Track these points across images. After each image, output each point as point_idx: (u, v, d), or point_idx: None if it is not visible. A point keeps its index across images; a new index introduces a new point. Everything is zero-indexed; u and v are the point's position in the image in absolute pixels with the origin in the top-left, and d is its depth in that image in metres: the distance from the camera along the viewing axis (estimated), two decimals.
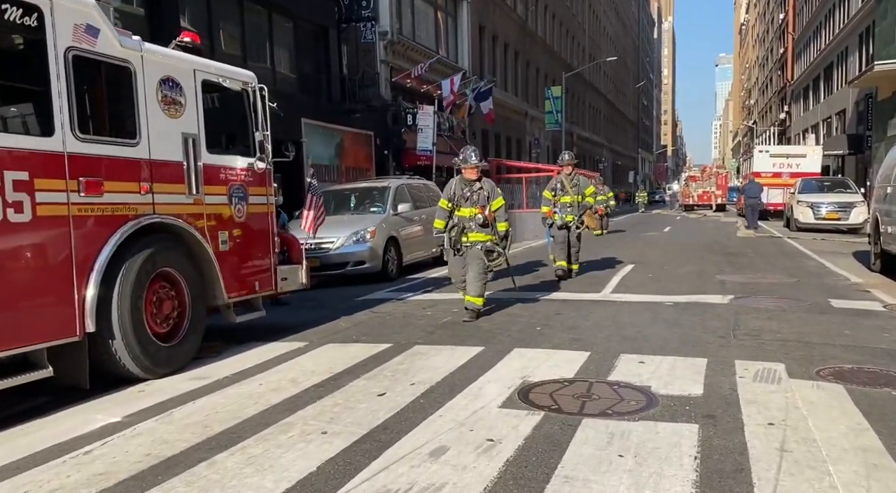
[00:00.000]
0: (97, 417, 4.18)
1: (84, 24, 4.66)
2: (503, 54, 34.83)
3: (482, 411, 4.09)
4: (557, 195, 10.12)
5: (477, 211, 7.14)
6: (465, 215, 7.20)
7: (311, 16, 18.71)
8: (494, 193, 7.25)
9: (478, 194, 7.22)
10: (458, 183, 7.32)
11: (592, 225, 10.21)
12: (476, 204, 7.18)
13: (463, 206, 7.24)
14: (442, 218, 7.34)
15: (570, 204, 10.02)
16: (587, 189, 10.18)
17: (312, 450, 3.52)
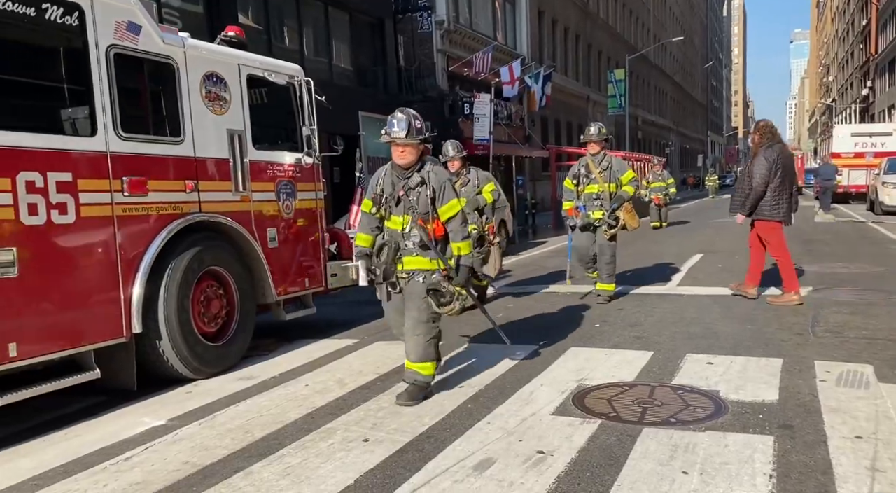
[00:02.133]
0: (143, 420, 4.15)
1: (126, 21, 4.61)
2: (563, 38, 34.00)
3: (533, 418, 3.83)
4: (581, 185, 7.31)
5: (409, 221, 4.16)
6: (396, 229, 4.22)
7: (368, 8, 18.65)
8: (448, 194, 4.13)
9: (416, 194, 4.15)
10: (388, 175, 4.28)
11: (632, 223, 7.17)
12: (414, 210, 4.14)
13: (393, 212, 4.23)
14: (366, 231, 4.37)
15: (597, 195, 7.17)
16: (624, 175, 7.20)
17: (352, 460, 3.35)
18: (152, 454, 3.59)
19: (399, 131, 4.07)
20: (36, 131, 4.08)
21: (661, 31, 54.80)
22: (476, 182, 6.92)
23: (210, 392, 4.71)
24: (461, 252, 4.17)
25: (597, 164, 7.25)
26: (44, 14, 4.06)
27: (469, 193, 6.74)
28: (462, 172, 6.95)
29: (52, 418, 4.29)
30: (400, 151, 4.14)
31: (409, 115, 4.12)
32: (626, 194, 7.15)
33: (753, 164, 6.85)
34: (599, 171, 7.21)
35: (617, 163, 7.32)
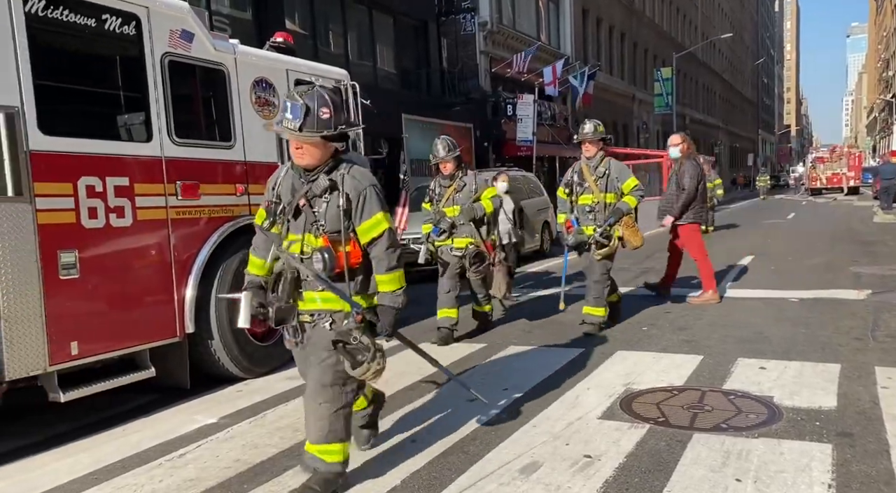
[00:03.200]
0: (196, 417, 4.26)
1: (179, 29, 4.75)
2: (608, 37, 33.58)
3: (579, 422, 3.79)
4: (575, 194, 6.12)
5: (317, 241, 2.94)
6: (293, 252, 3.01)
7: (411, 11, 18.78)
8: (370, 205, 2.94)
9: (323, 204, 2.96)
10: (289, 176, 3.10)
11: (634, 240, 5.93)
12: (318, 226, 2.95)
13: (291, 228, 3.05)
14: (260, 253, 3.24)
15: (591, 207, 5.94)
16: (625, 183, 5.92)
17: (398, 460, 3.37)
18: (205, 451, 3.68)
19: (292, 120, 2.81)
20: (95, 137, 4.23)
21: (709, 28, 53.56)
22: (473, 187, 5.95)
23: (259, 391, 4.80)
24: (386, 288, 2.93)
25: (591, 169, 5.99)
26: (103, 24, 4.22)
27: (464, 199, 5.91)
28: (457, 176, 5.98)
29: (109, 415, 4.44)
30: (295, 147, 2.89)
31: (313, 97, 2.83)
32: (625, 206, 5.87)
33: (683, 170, 7.28)
34: (594, 178, 5.95)
35: (617, 168, 5.97)
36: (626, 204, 5.88)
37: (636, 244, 5.95)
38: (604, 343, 5.62)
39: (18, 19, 3.70)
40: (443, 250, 6.06)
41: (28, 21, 3.75)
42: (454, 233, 5.96)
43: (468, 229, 5.91)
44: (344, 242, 2.90)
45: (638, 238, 5.96)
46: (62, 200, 3.92)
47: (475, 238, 5.92)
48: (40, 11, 3.83)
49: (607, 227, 5.83)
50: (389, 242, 2.94)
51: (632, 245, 5.94)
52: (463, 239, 5.94)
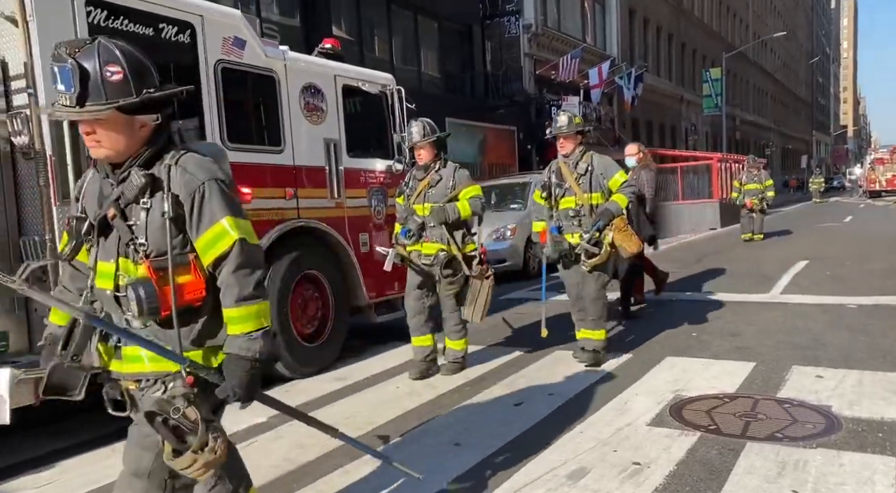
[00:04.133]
0: (243, 416, 4.30)
1: (232, 36, 4.88)
2: (655, 38, 33.05)
3: (628, 428, 3.72)
4: (554, 198, 5.18)
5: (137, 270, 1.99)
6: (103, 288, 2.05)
7: (456, 15, 18.86)
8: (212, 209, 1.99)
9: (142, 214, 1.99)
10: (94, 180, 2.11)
11: (629, 245, 5.01)
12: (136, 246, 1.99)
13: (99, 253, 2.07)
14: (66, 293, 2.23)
15: (574, 211, 5.07)
16: (612, 178, 5.04)
17: (444, 464, 3.37)
18: (255, 450, 3.75)
19: (65, 93, 1.87)
20: None
21: (761, 26, 52.16)
22: (450, 183, 4.90)
23: (306, 391, 4.88)
24: (236, 329, 1.95)
25: (571, 167, 5.10)
26: (160, 33, 4.36)
27: (438, 197, 4.88)
28: (432, 167, 4.96)
29: None
30: (84, 133, 1.94)
31: (92, 53, 1.87)
32: (615, 207, 4.96)
33: (641, 176, 7.31)
34: (575, 177, 5.06)
35: (601, 163, 5.09)
36: (616, 204, 4.98)
37: (632, 250, 5.04)
38: (651, 349, 5.51)
39: (82, 30, 3.85)
40: (414, 257, 4.99)
41: (91, 32, 3.90)
42: (423, 236, 4.94)
43: (438, 233, 4.88)
44: (173, 269, 1.93)
45: (633, 243, 5.02)
46: None
47: (449, 244, 4.87)
48: (101, 22, 3.99)
49: (595, 232, 4.92)
50: (240, 259, 1.95)
51: (626, 252, 5.03)
52: (433, 244, 4.89)
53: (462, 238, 4.96)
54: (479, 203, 4.90)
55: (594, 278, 5.05)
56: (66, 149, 3.73)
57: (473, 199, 4.90)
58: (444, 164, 5.01)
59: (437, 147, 5.02)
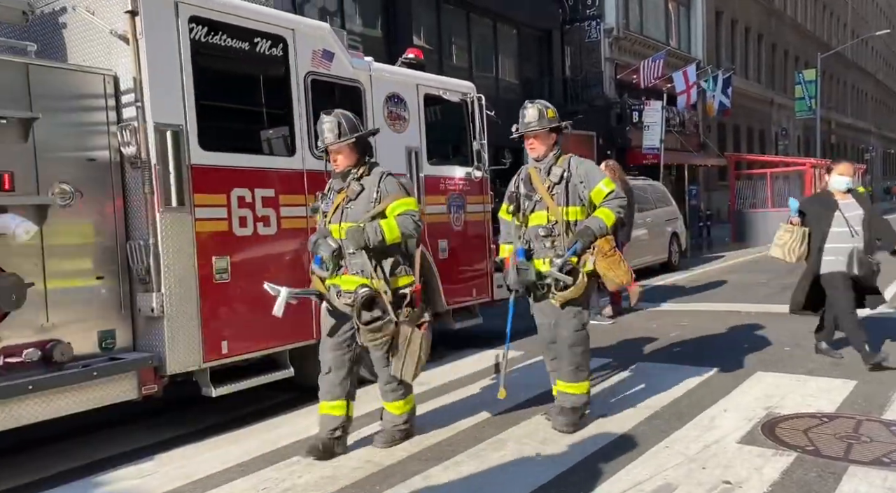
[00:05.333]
0: None
1: (321, 49, 5.04)
2: (744, 39, 31.75)
3: (716, 445, 3.59)
4: (523, 211, 4.11)
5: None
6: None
7: (535, 21, 18.78)
8: None
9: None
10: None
11: (616, 275, 3.91)
12: None
13: None
14: None
15: (546, 229, 4.01)
16: (595, 188, 3.97)
17: (525, 474, 3.35)
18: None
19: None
20: (246, 152, 4.58)
21: (861, 25, 49.15)
22: (374, 195, 3.67)
23: (431, 382, 4.92)
24: None
25: (542, 175, 4.04)
26: (255, 47, 4.56)
27: (358, 213, 3.66)
28: (352, 175, 3.73)
29: (253, 410, 4.76)
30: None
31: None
32: (597, 224, 3.84)
33: None
34: (547, 186, 3.98)
35: (582, 169, 4.00)
36: (599, 221, 3.85)
37: (620, 281, 3.90)
38: (739, 363, 5.29)
39: (185, 45, 4.09)
40: (332, 294, 3.79)
41: (193, 47, 4.13)
42: (342, 266, 3.74)
43: (360, 262, 3.66)
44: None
45: (621, 272, 3.88)
46: (217, 210, 4.27)
47: (372, 278, 3.63)
48: (202, 37, 4.21)
49: (569, 258, 3.85)
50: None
51: (613, 282, 3.91)
52: (352, 278, 3.67)
53: (393, 269, 3.69)
54: (410, 221, 3.61)
55: (570, 315, 3.95)
56: (170, 159, 3.96)
57: (404, 216, 3.61)
58: (367, 170, 3.76)
59: (360, 150, 3.75)
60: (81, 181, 3.79)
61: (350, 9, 14.09)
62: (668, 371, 5.17)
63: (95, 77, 3.92)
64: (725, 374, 4.99)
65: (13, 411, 3.41)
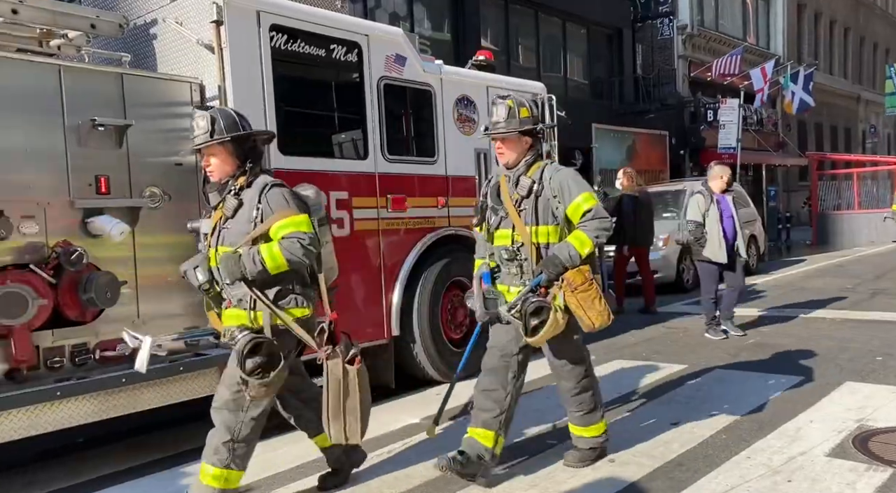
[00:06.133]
0: (401, 416, 4.52)
1: (394, 54, 5.12)
2: (828, 33, 30.22)
3: (802, 458, 3.42)
4: (489, 226, 3.46)
5: None
6: None
7: (605, 19, 18.46)
8: None
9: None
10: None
11: (590, 316, 3.17)
12: None
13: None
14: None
15: (511, 252, 3.33)
16: (573, 203, 3.20)
17: (598, 479, 3.30)
18: (410, 449, 3.90)
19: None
20: (321, 156, 4.71)
21: None
22: (253, 213, 2.93)
23: (458, 396, 4.93)
24: None
25: (511, 185, 3.34)
26: (331, 54, 4.68)
27: (235, 235, 2.96)
28: (232, 186, 3.00)
29: None
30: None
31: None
32: (565, 252, 3.13)
33: None
34: (515, 200, 3.30)
35: (557, 178, 3.24)
36: (570, 247, 3.13)
37: (594, 323, 3.16)
38: (826, 373, 5.03)
39: (265, 53, 4.24)
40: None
41: (273, 55, 4.28)
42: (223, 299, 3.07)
43: (240, 294, 2.95)
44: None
45: (595, 312, 3.14)
46: None
47: (254, 314, 2.92)
48: (282, 45, 4.36)
49: (529, 295, 3.15)
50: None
51: (586, 323, 3.17)
52: (232, 312, 2.99)
53: (278, 298, 2.94)
54: (297, 246, 2.82)
55: (569, 352, 3.37)
56: None
57: (290, 240, 2.84)
58: (248, 181, 2.96)
59: (240, 154, 2.96)
60: (170, 185, 3.98)
61: (419, 13, 14.24)
62: (748, 379, 4.98)
63: (183, 85, 4.11)
64: (811, 383, 4.76)
65: (108, 402, 3.62)
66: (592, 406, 3.49)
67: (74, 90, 3.62)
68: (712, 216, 6.50)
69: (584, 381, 3.45)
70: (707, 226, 6.47)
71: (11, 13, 3.59)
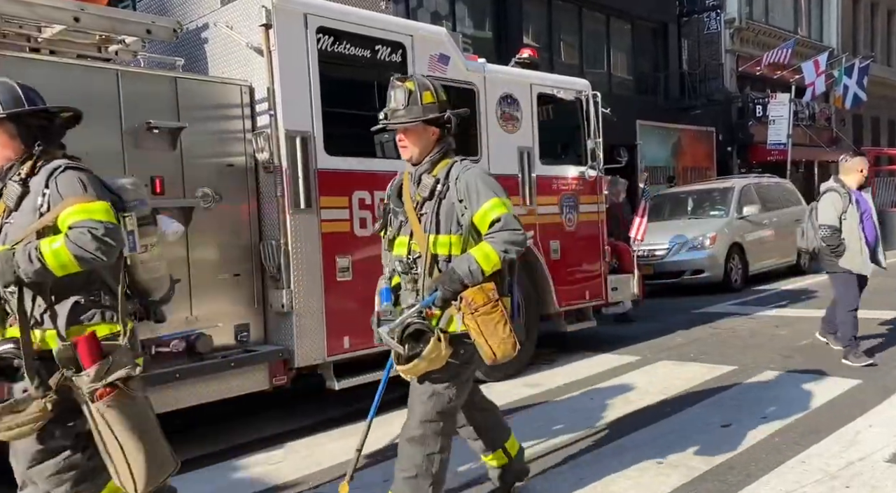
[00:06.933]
0: None
1: (437, 53, 5.14)
2: (885, 23, 29.06)
3: (861, 463, 3.31)
4: (391, 232, 2.95)
5: None
6: None
7: (650, 14, 18.16)
8: None
9: None
10: None
11: (496, 345, 2.58)
12: None
13: None
14: None
15: (407, 263, 2.80)
16: (481, 209, 2.64)
17: (646, 481, 3.26)
18: (454, 447, 3.89)
19: None
20: (365, 156, 4.75)
21: None
22: (38, 201, 2.34)
23: (501, 395, 4.94)
24: None
25: (412, 185, 2.85)
26: (376, 54, 4.73)
27: (17, 230, 2.34)
28: (16, 173, 2.40)
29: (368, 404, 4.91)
30: None
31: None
32: (464, 267, 2.60)
33: None
34: (415, 203, 2.81)
35: (464, 179, 2.70)
36: (471, 261, 2.59)
37: (496, 353, 2.59)
38: (889, 376, 4.85)
39: (312, 55, 4.31)
40: None
41: (320, 57, 4.34)
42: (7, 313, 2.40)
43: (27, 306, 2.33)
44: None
45: (497, 339, 2.57)
46: (340, 211, 4.47)
47: (37, 328, 2.32)
48: (328, 47, 4.42)
49: (415, 315, 2.64)
50: None
51: (486, 352, 2.60)
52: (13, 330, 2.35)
53: (77, 314, 2.34)
54: (88, 238, 2.20)
55: (423, 395, 2.72)
56: (299, 164, 4.19)
57: (79, 230, 2.23)
58: (34, 166, 2.39)
59: (24, 135, 2.41)
60: (221, 185, 4.09)
61: (461, 12, 14.25)
62: (801, 381, 4.84)
63: (233, 88, 4.21)
64: (870, 386, 4.60)
65: (162, 396, 3.72)
66: (423, 469, 2.68)
67: (131, 94, 3.75)
68: (851, 218, 5.24)
69: (427, 425, 2.69)
70: (845, 231, 5.23)
71: (73, 21, 3.72)
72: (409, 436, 2.72)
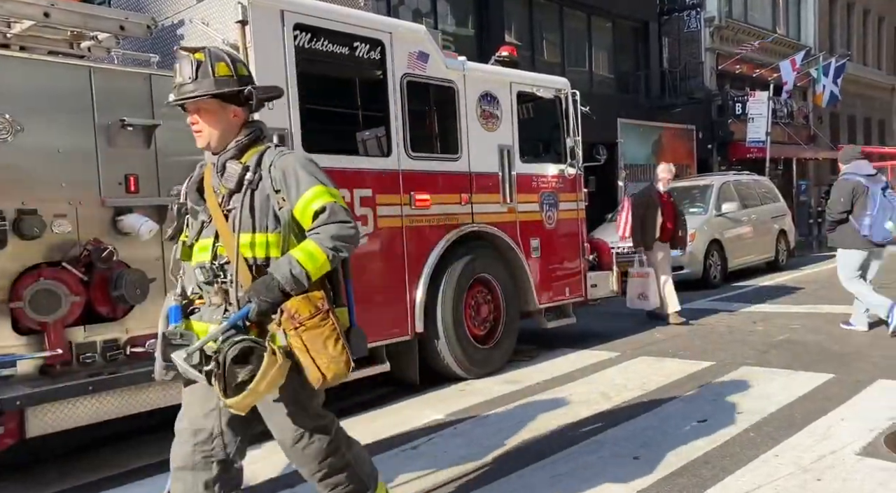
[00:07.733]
0: (425, 412, 4.55)
1: (417, 51, 5.13)
2: (861, 22, 29.51)
3: (832, 456, 3.37)
4: (191, 236, 2.41)
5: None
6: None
7: (631, 13, 18.27)
8: None
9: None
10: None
11: (325, 365, 2.11)
12: None
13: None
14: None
15: (205, 271, 2.29)
16: (301, 200, 2.20)
17: (623, 477, 3.28)
18: (434, 445, 3.91)
19: None
20: (345, 154, 4.74)
21: None
22: None
23: (480, 392, 4.99)
24: None
25: (216, 176, 2.36)
26: (354, 51, 4.71)
27: None
28: None
29: (354, 402, 4.91)
30: None
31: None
32: (285, 273, 2.14)
33: None
34: (220, 197, 2.33)
35: (279, 165, 2.26)
36: (292, 264, 2.16)
37: (324, 373, 2.13)
38: (858, 370, 4.94)
39: (290, 52, 4.28)
40: None
41: (297, 54, 4.32)
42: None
43: None
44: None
45: (326, 357, 2.13)
46: None
47: None
48: (306, 44, 4.39)
49: (231, 332, 2.12)
50: None
51: (312, 374, 2.14)
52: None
53: None
54: None
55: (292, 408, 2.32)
56: None
57: None
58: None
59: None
60: None
61: (443, 9, 14.23)
62: (777, 376, 4.91)
63: None
64: (842, 380, 4.67)
65: (138, 397, 3.69)
66: (354, 487, 2.45)
67: (104, 91, 3.70)
68: None
69: (330, 459, 2.37)
70: None
71: (43, 16, 3.66)
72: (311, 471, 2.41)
